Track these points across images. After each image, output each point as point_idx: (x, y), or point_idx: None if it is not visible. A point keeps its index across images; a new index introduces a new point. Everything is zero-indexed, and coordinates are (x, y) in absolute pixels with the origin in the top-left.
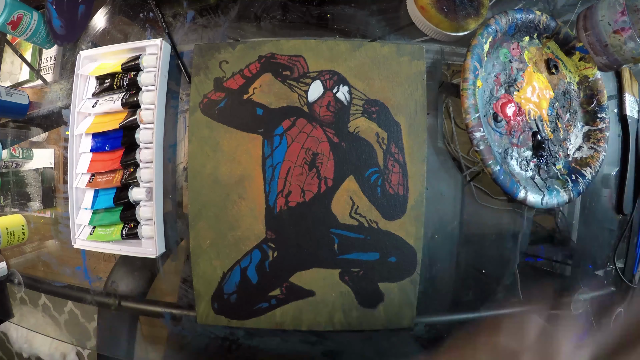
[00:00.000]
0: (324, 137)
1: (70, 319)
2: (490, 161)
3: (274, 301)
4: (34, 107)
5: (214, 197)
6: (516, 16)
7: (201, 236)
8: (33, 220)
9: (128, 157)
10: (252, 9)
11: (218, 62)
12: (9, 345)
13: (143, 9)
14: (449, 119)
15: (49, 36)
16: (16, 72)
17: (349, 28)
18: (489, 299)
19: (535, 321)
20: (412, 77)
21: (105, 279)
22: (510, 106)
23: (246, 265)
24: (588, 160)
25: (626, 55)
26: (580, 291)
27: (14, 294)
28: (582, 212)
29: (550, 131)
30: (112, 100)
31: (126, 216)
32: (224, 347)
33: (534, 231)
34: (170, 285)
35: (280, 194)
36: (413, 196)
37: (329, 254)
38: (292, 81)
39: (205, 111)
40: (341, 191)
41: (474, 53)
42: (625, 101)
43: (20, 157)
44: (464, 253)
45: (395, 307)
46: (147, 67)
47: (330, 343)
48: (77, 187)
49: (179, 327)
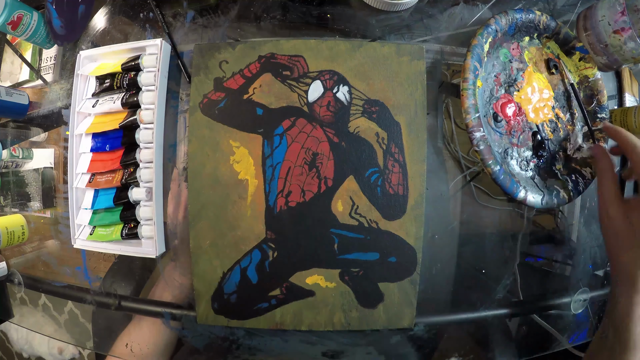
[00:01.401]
0: (324, 137)
1: (70, 319)
2: (490, 161)
3: (274, 301)
4: (34, 107)
5: (214, 197)
6: (516, 16)
7: (201, 236)
8: (33, 220)
9: (128, 157)
10: (252, 9)
11: (218, 62)
12: (9, 345)
13: (143, 9)
14: (449, 119)
15: (49, 36)
16: (16, 72)
17: (349, 28)
18: (489, 299)
19: None
20: (412, 77)
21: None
22: (510, 106)
23: (246, 265)
24: (588, 160)
25: (626, 55)
26: (580, 291)
27: (14, 294)
28: (582, 212)
29: (550, 131)
30: (112, 100)
31: (126, 216)
32: (224, 347)
33: (534, 231)
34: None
35: (280, 194)
36: (413, 196)
37: (329, 254)
38: (292, 81)
39: (205, 111)
40: (341, 191)
41: (474, 53)
42: (625, 101)
43: (20, 157)
44: (464, 253)
45: (395, 307)
46: (147, 67)
47: (330, 343)
48: (77, 187)
49: (179, 327)
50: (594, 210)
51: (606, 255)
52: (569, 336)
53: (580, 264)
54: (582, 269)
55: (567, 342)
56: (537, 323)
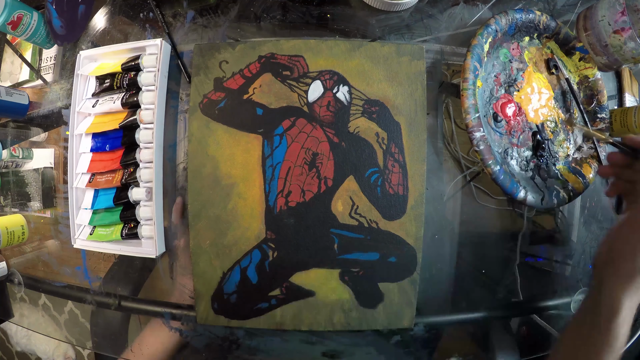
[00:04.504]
0: (324, 137)
1: (70, 318)
2: (490, 161)
3: (274, 301)
4: (34, 107)
5: (214, 197)
6: (516, 16)
7: (201, 236)
8: (33, 220)
9: (128, 157)
10: (252, 9)
11: (218, 62)
12: (9, 345)
13: (143, 9)
14: (449, 119)
15: (49, 36)
16: (16, 72)
17: (349, 28)
18: (489, 299)
19: None
20: (412, 77)
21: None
22: (510, 106)
23: (246, 265)
24: (588, 160)
25: (626, 55)
26: (580, 291)
27: (14, 293)
28: (582, 212)
29: (550, 131)
30: (112, 100)
31: (126, 216)
32: (224, 347)
33: (534, 231)
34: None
35: (280, 194)
36: (413, 196)
37: (329, 254)
38: (292, 81)
39: (205, 111)
40: (341, 191)
41: (474, 53)
42: (625, 101)
43: (20, 157)
44: (464, 253)
45: (395, 307)
46: (147, 67)
47: (330, 343)
48: (77, 187)
49: (178, 327)
50: (594, 210)
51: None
52: None
53: (580, 264)
54: (582, 269)
55: None
56: (537, 323)
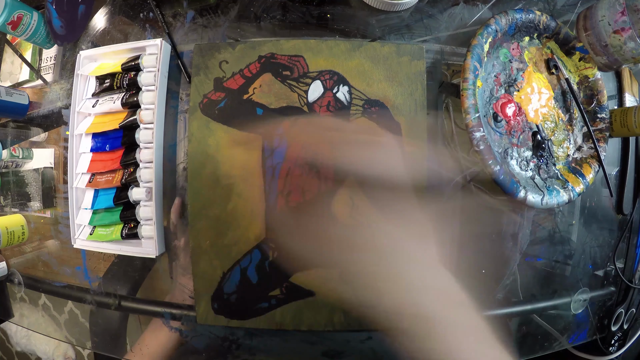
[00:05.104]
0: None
1: (70, 318)
2: (490, 161)
3: (274, 301)
4: (34, 107)
5: (214, 197)
6: (516, 16)
7: (201, 236)
8: (33, 220)
9: (128, 157)
10: (252, 9)
11: (218, 62)
12: (9, 345)
13: (143, 9)
14: (449, 119)
15: (49, 36)
16: (16, 72)
17: (349, 28)
18: (489, 299)
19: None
20: (412, 77)
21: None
22: (510, 106)
23: (246, 265)
24: (588, 160)
25: (626, 55)
26: (580, 291)
27: (14, 293)
28: (582, 212)
29: (550, 131)
30: (112, 100)
31: (126, 216)
32: (224, 347)
33: (534, 231)
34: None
35: (280, 194)
36: None
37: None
38: (292, 81)
39: (205, 111)
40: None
41: (474, 53)
42: (625, 101)
43: (20, 157)
44: (464, 253)
45: None
46: (147, 67)
47: (330, 343)
48: (77, 187)
49: (178, 327)
50: (594, 210)
51: (606, 255)
52: (569, 336)
53: (580, 264)
54: (582, 269)
55: (567, 342)
56: (537, 323)
